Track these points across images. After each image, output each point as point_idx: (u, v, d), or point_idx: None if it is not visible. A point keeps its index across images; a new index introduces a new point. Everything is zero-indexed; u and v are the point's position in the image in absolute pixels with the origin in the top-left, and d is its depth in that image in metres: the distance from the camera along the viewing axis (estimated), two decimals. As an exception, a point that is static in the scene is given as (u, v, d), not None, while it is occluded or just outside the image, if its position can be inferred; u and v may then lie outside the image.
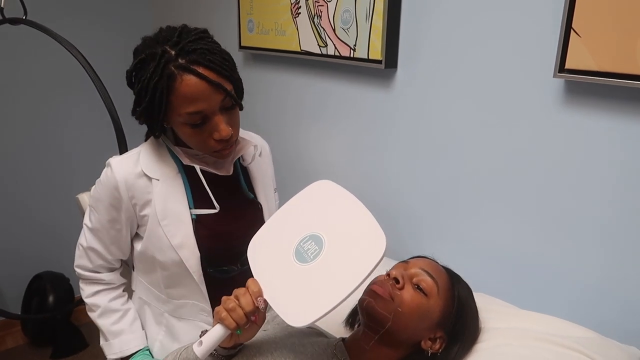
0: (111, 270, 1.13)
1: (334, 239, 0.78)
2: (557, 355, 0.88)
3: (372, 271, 0.73)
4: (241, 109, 1.00)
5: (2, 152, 2.23)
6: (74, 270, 1.12)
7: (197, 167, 1.00)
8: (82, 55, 1.42)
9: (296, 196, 0.91)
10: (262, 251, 0.87)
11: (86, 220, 1.09)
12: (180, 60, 0.89)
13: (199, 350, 0.79)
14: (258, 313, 0.81)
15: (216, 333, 0.79)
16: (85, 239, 1.09)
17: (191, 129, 0.94)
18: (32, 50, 2.18)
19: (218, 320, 0.80)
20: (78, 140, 2.40)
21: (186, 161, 1.01)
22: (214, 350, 0.85)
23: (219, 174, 1.04)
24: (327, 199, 0.87)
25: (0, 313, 2.22)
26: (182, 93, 0.89)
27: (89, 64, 1.41)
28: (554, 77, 0.99)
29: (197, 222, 1.04)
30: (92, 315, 1.13)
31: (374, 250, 0.74)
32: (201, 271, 1.05)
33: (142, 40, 0.96)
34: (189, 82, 0.89)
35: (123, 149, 1.35)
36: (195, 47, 0.90)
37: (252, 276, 1.14)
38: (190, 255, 1.03)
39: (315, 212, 0.85)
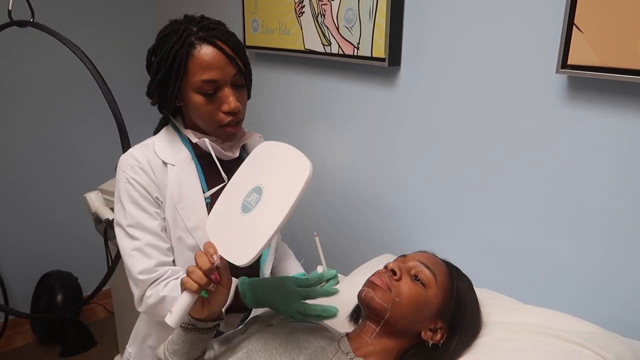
0: (168, 263, 1.06)
1: (270, 184, 0.84)
2: (561, 349, 0.88)
3: (299, 195, 0.77)
4: (249, 95, 1.07)
5: (10, 152, 2.25)
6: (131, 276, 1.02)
7: (207, 141, 1.03)
8: (87, 57, 1.43)
9: (241, 166, 0.95)
10: (216, 219, 0.91)
11: (123, 223, 1.03)
12: (201, 34, 0.98)
13: (170, 318, 0.80)
14: (219, 272, 0.83)
15: (182, 299, 0.81)
16: (136, 238, 1.02)
17: (203, 98, 0.99)
18: (39, 53, 2.21)
19: (182, 287, 0.82)
20: (85, 141, 2.42)
21: (195, 140, 1.05)
22: (192, 324, 0.86)
23: (225, 153, 1.07)
24: (265, 155, 0.92)
25: (10, 312, 2.25)
26: (200, 60, 0.97)
27: (94, 65, 1.43)
28: (556, 73, 0.99)
29: (211, 205, 1.06)
30: (164, 305, 1.00)
31: (300, 178, 0.79)
32: None
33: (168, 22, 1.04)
34: (207, 50, 0.97)
35: (126, 148, 1.36)
36: (215, 27, 1.00)
37: (258, 263, 1.17)
38: (204, 237, 1.04)
39: (256, 169, 0.91)
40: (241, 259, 0.79)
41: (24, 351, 2.35)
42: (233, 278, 0.96)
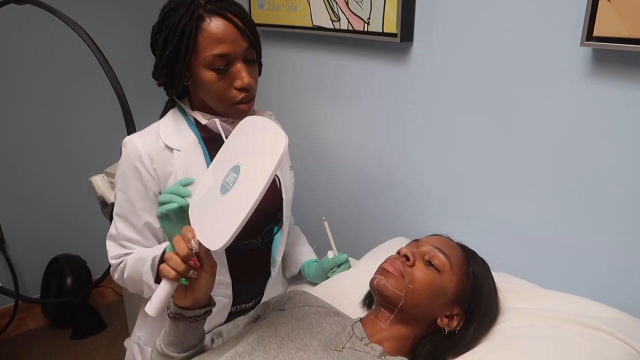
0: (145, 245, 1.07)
1: (247, 162, 0.80)
2: (584, 336, 0.85)
3: (272, 174, 0.72)
4: (260, 72, 1.04)
5: (16, 136, 2.23)
6: (109, 263, 1.07)
7: (218, 122, 1.00)
8: (89, 36, 1.39)
9: (224, 144, 0.90)
10: (198, 201, 0.87)
11: (115, 209, 1.05)
12: (209, 6, 0.93)
13: (149, 307, 0.78)
14: (199, 258, 0.78)
15: (162, 287, 0.78)
16: (116, 228, 1.05)
17: (214, 74, 0.95)
18: (40, 32, 2.16)
19: (161, 274, 0.78)
20: (91, 123, 2.40)
21: (204, 121, 1.01)
22: (180, 313, 0.83)
23: None
24: (245, 132, 0.87)
25: (20, 298, 2.26)
26: (210, 33, 0.92)
27: (95, 44, 1.38)
28: (581, 45, 0.93)
29: None
30: (125, 278, 1.03)
31: (274, 155, 0.74)
32: None
33: None
34: (218, 22, 0.93)
35: (131, 130, 1.33)
36: None
37: (271, 249, 1.14)
38: None
39: (236, 147, 0.86)
40: (215, 244, 0.75)
41: (36, 334, 2.37)
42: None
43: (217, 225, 0.77)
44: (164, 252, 0.96)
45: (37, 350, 2.25)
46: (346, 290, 1.11)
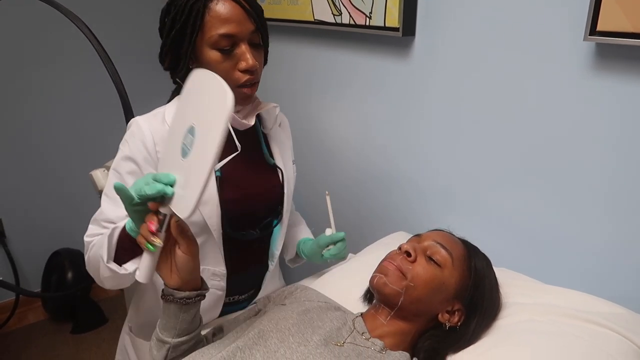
0: None
1: (199, 122, 0.77)
2: (586, 332, 0.85)
3: (223, 135, 0.70)
4: (265, 60, 1.04)
5: (17, 129, 2.23)
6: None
7: None
8: (89, 29, 1.38)
9: (178, 103, 0.87)
10: (165, 166, 0.84)
11: (105, 189, 1.03)
12: None
13: (138, 274, 0.80)
14: (175, 232, 0.78)
15: (144, 257, 0.80)
16: (101, 209, 1.01)
17: (219, 54, 0.95)
18: (39, 25, 2.15)
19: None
20: (91, 118, 2.39)
21: None
22: (170, 294, 0.83)
23: (241, 121, 1.03)
24: (194, 89, 0.83)
25: (21, 292, 2.26)
26: (218, 12, 0.93)
27: (95, 37, 1.38)
28: (584, 40, 0.93)
29: (221, 180, 1.03)
30: (97, 261, 0.99)
31: (221, 114, 0.71)
32: (221, 230, 1.04)
33: None
34: (225, 3, 0.94)
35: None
36: None
37: (269, 242, 1.14)
38: (212, 212, 1.01)
39: (189, 107, 0.83)
40: (184, 212, 0.74)
41: (36, 328, 2.37)
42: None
43: (184, 190, 0.76)
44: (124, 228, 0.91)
45: (37, 345, 2.26)
46: (347, 285, 1.11)
